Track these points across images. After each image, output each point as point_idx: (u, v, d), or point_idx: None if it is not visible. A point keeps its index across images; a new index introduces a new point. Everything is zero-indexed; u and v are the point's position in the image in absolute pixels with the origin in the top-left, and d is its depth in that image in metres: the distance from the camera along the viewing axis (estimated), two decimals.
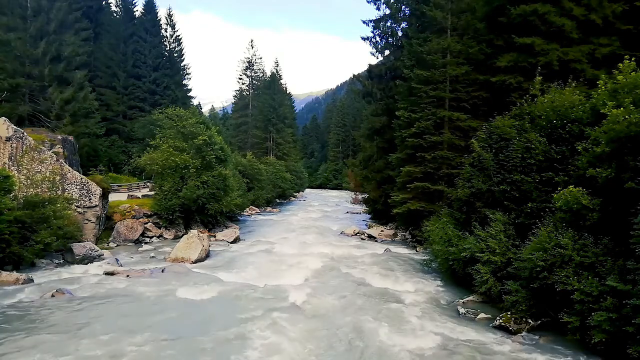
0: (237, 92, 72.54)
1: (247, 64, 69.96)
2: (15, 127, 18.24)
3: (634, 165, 8.77)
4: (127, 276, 13.98)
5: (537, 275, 9.65)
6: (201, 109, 63.30)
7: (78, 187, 18.94)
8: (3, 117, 18.39)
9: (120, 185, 31.38)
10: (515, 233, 11.79)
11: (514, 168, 12.37)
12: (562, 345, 9.14)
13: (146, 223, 22.39)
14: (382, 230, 26.34)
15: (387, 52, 30.70)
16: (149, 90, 45.70)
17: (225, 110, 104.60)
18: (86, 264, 15.82)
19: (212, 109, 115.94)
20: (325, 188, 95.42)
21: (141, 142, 37.43)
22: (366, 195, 34.17)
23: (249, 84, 70.64)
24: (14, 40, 26.61)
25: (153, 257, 17.91)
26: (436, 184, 20.09)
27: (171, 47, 50.46)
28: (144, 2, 48.27)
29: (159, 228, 22.86)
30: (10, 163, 17.55)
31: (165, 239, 22.39)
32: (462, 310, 11.48)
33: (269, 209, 44.21)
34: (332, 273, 15.71)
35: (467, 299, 12.38)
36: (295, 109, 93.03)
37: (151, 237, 21.96)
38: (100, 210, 19.53)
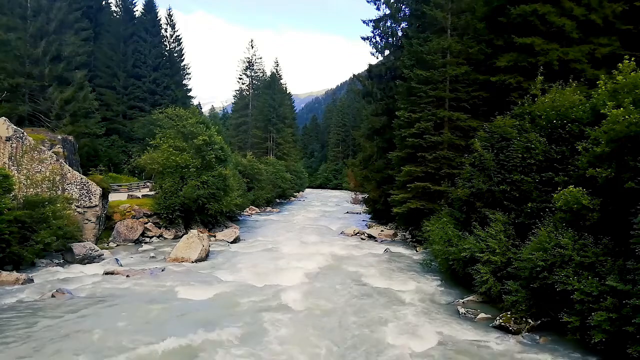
0: (237, 92, 72.55)
1: (247, 64, 69.99)
2: (15, 127, 18.25)
3: (634, 165, 8.78)
4: (127, 276, 13.99)
5: (537, 275, 9.65)
6: (201, 109, 63.30)
7: (78, 187, 18.95)
8: (3, 117, 18.40)
9: (120, 185, 31.35)
10: (515, 233, 11.79)
11: (514, 168, 12.36)
12: (562, 345, 9.14)
13: (146, 223, 22.40)
14: (382, 230, 26.33)
15: (387, 52, 30.69)
16: (149, 90, 45.66)
17: (225, 110, 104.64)
18: (86, 264, 15.84)
19: (212, 109, 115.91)
20: (325, 188, 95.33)
21: (141, 142, 37.41)
22: (366, 195, 34.13)
23: (249, 84, 70.63)
24: (14, 40, 26.63)
25: (153, 257, 17.92)
26: (437, 183, 20.06)
27: (171, 47, 50.50)
28: (144, 2, 48.27)
29: (159, 228, 22.87)
30: (10, 163, 17.56)
31: (165, 238, 22.39)
32: (462, 310, 11.49)
33: (269, 209, 44.20)
34: (332, 273, 15.72)
35: (467, 298, 12.38)
36: (295, 109, 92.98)
37: (151, 237, 21.97)
38: (100, 210, 19.54)
